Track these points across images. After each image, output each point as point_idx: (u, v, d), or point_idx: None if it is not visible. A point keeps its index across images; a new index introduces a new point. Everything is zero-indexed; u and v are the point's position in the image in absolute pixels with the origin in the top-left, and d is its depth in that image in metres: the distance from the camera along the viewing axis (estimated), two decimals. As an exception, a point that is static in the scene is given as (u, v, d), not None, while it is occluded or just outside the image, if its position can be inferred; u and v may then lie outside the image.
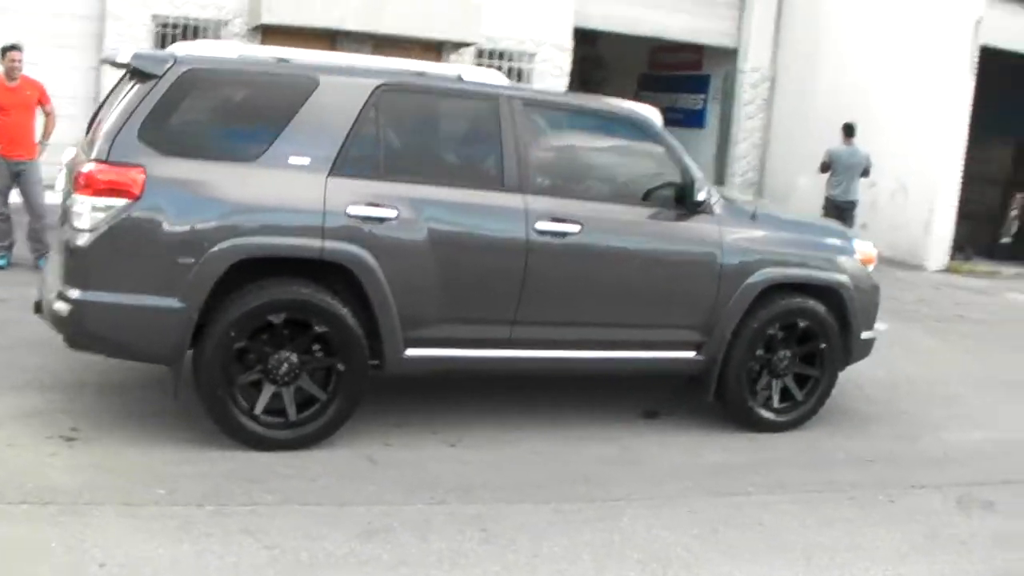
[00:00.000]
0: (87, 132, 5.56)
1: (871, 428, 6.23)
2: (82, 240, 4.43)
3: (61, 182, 5.53)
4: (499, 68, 13.93)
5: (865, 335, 6.13)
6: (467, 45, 13.47)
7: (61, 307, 4.49)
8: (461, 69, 5.31)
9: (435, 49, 13.69)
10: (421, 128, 5.05)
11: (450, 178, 5.05)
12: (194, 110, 4.66)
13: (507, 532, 4.20)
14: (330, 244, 4.69)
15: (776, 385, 5.92)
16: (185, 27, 12.23)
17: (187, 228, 4.50)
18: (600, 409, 5.96)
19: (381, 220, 4.77)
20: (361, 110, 4.82)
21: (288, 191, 4.67)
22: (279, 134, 4.68)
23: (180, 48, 4.89)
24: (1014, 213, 15.35)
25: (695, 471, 5.21)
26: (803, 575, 4.13)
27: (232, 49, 4.84)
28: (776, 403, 5.92)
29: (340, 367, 4.79)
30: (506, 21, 14.09)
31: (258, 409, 4.72)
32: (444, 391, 5.82)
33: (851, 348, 6.06)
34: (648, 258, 5.43)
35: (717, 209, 5.55)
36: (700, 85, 18.28)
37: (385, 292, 4.78)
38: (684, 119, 17.86)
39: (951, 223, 14.11)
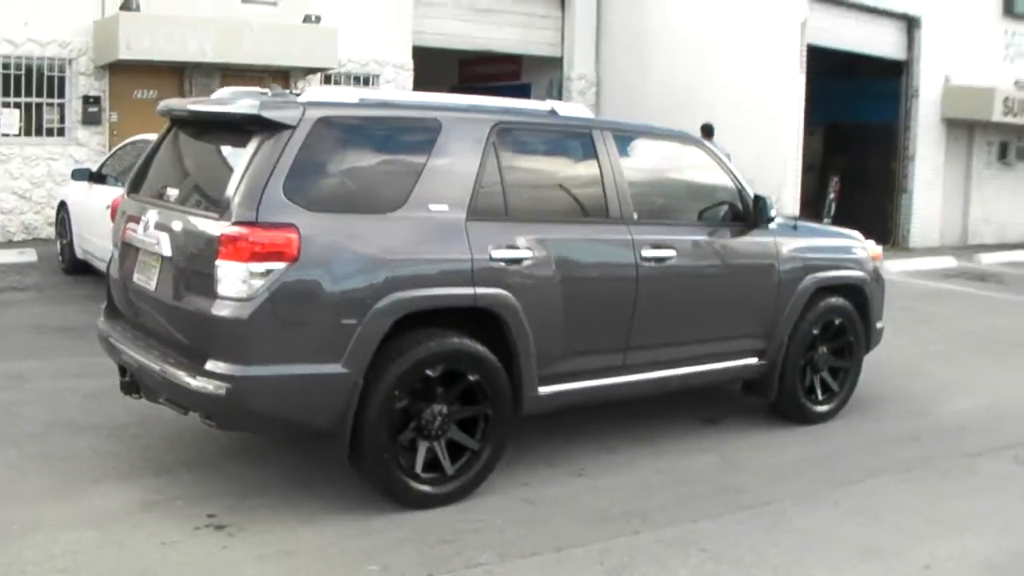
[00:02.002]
0: (134, 186, 5.23)
1: (882, 408, 6.89)
2: (238, 310, 4.18)
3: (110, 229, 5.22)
4: None
5: (879, 325, 6.81)
6: (323, 70, 13.34)
7: (213, 387, 4.20)
8: (552, 104, 5.41)
9: (283, 76, 13.45)
10: (533, 165, 5.13)
11: (565, 213, 5.19)
12: (331, 160, 4.49)
13: (726, 548, 4.43)
14: (480, 290, 4.70)
15: (817, 380, 6.45)
16: (28, 68, 11.29)
17: (348, 287, 4.36)
18: (666, 421, 6.24)
19: (519, 261, 4.84)
20: (483, 151, 4.86)
21: (435, 239, 4.63)
22: (416, 181, 4.64)
23: (304, 94, 4.68)
24: (832, 196, 17.03)
25: (797, 467, 5.63)
26: (993, 543, 4.63)
27: (351, 93, 4.70)
28: (820, 396, 6.45)
29: (489, 413, 4.80)
30: (350, 43, 14.07)
31: (419, 467, 4.64)
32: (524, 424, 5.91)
33: (871, 338, 6.72)
34: (726, 274, 5.83)
35: (772, 223, 6.01)
36: (520, 95, 18.89)
37: (527, 333, 4.85)
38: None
39: (796, 213, 15.47)
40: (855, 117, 17.79)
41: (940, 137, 18.05)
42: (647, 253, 5.36)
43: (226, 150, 4.71)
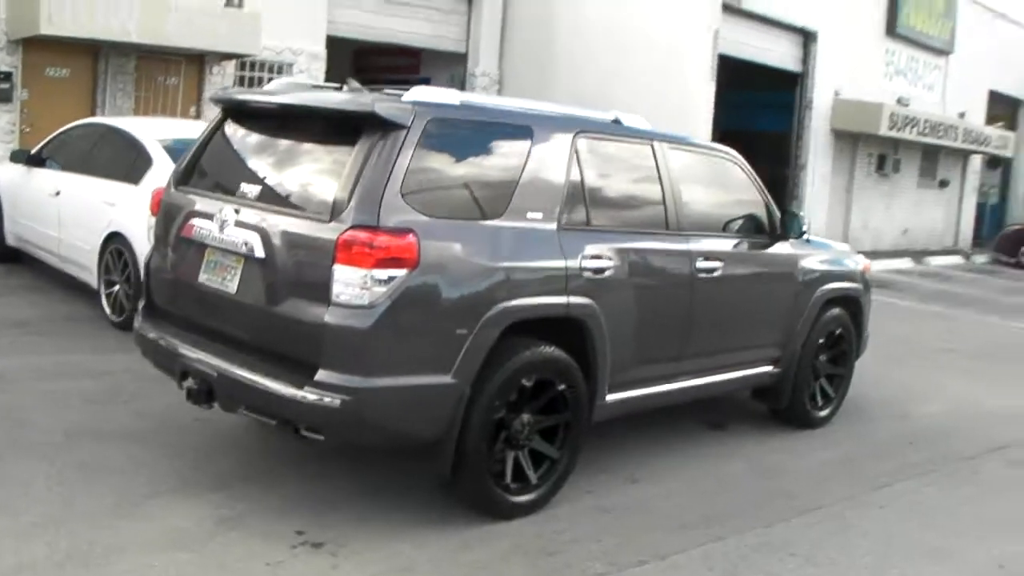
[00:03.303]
0: (183, 179, 5.06)
1: (865, 413, 7.32)
2: (358, 319, 4.08)
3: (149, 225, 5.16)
4: (260, 79, 13.65)
5: (866, 333, 7.24)
6: (244, 56, 12.98)
7: (327, 398, 4.11)
8: (615, 113, 5.51)
9: (198, 61, 13.03)
10: (607, 175, 5.20)
11: (634, 224, 5.31)
12: (440, 164, 4.44)
13: (813, 552, 4.68)
14: (573, 300, 4.77)
15: (817, 386, 6.81)
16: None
17: (462, 296, 4.34)
18: (675, 427, 6.40)
19: (603, 271, 4.93)
20: (568, 159, 4.93)
21: (535, 248, 4.67)
22: (515, 188, 4.66)
23: (409, 93, 4.58)
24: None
25: (825, 471, 5.96)
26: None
27: (451, 95, 4.65)
28: (820, 402, 6.82)
29: (569, 422, 4.88)
30: (265, 31, 13.70)
31: (508, 477, 4.67)
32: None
33: (861, 346, 7.14)
34: (758, 285, 6.11)
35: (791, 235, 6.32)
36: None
37: (606, 342, 4.95)
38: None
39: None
40: (752, 126, 18.57)
41: (828, 147, 19.08)
42: (701, 264, 5.56)
43: (324, 148, 4.57)
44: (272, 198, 4.55)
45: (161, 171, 7.52)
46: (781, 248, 6.26)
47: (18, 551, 3.96)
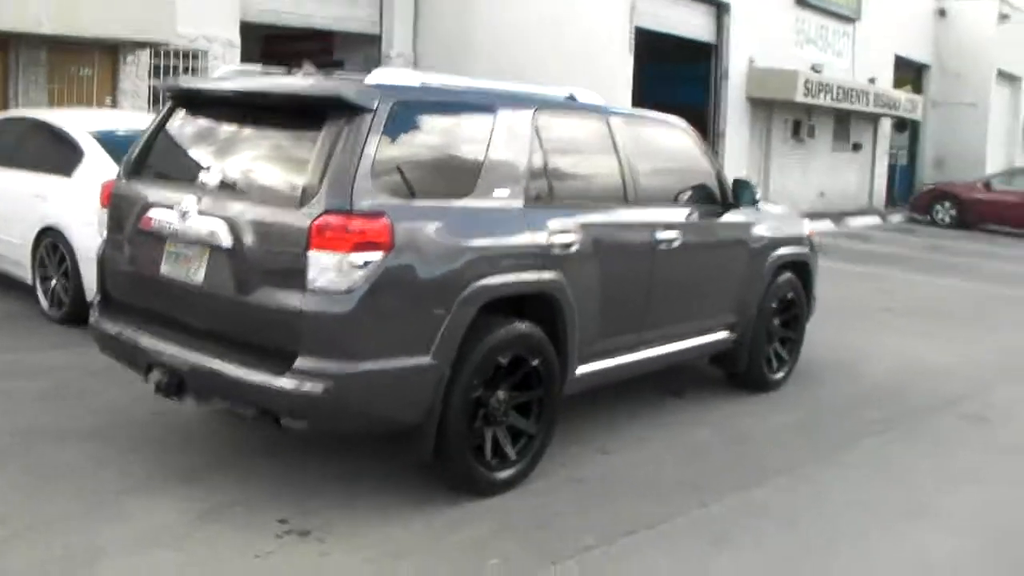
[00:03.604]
0: (134, 170, 4.90)
1: (816, 375, 7.46)
2: (337, 304, 4.01)
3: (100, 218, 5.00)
4: (175, 68, 13.35)
5: (814, 296, 7.39)
6: (159, 44, 12.64)
7: (308, 386, 4.02)
8: (570, 89, 5.50)
9: (111, 51, 12.65)
10: (565, 151, 5.18)
11: (594, 197, 5.31)
12: (407, 145, 4.39)
13: (794, 513, 4.79)
14: (543, 276, 4.77)
15: (771, 350, 6.93)
16: None
17: (437, 276, 4.29)
18: (636, 397, 6.41)
19: (569, 246, 4.93)
20: (530, 136, 4.91)
21: (504, 225, 4.65)
22: (482, 166, 4.63)
23: (371, 76, 4.51)
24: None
25: (788, 434, 6.07)
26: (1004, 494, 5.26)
27: (412, 76, 4.59)
28: (775, 365, 6.95)
29: (543, 397, 4.88)
30: (178, 19, 13.36)
31: (488, 455, 4.66)
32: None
33: (811, 309, 7.28)
34: (714, 252, 6.20)
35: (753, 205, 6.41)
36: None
37: (575, 317, 4.96)
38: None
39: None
40: (671, 98, 18.69)
41: (744, 116, 19.38)
42: (660, 235, 5.59)
43: (287, 134, 4.48)
44: (236, 187, 4.46)
45: (93, 163, 7.31)
46: (733, 216, 6.34)
47: (-8, 564, 3.81)
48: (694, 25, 18.21)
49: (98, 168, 7.22)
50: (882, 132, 24.79)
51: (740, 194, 6.29)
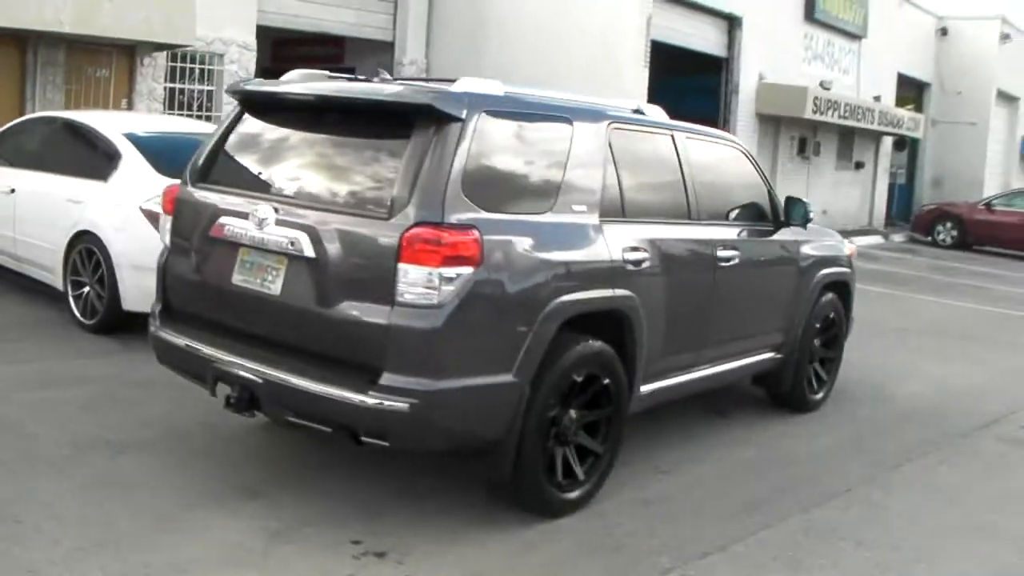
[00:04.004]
0: (201, 176, 4.86)
1: (851, 396, 7.48)
2: (427, 319, 3.98)
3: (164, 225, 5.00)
4: (191, 71, 13.31)
5: (851, 317, 7.40)
6: (180, 47, 12.59)
7: (395, 403, 3.96)
8: (635, 103, 5.49)
9: (128, 52, 12.59)
10: (635, 166, 5.16)
11: (661, 213, 5.30)
12: (494, 157, 4.33)
13: (861, 534, 4.77)
14: (618, 292, 4.75)
15: (811, 371, 6.94)
16: None
17: (522, 292, 4.26)
18: (680, 417, 6.37)
19: (640, 263, 4.92)
20: (605, 151, 4.89)
21: (583, 241, 4.63)
22: (562, 180, 4.61)
23: (458, 84, 4.46)
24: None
25: (837, 455, 6.07)
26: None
27: (495, 86, 4.54)
28: (815, 386, 6.95)
29: (611, 416, 4.86)
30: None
31: (559, 475, 4.63)
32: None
33: (849, 329, 7.30)
34: (768, 271, 6.22)
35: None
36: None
37: (644, 335, 4.95)
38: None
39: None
40: (681, 111, 18.74)
41: (754, 131, 19.45)
42: (720, 253, 5.59)
43: (373, 142, 4.43)
44: (317, 195, 4.39)
45: (131, 167, 7.25)
46: (784, 234, 6.35)
47: (73, 581, 3.75)
48: (706, 39, 18.29)
49: (136, 172, 7.18)
50: (883, 150, 24.96)
51: (791, 212, 6.29)
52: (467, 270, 4.02)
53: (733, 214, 5.99)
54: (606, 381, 4.74)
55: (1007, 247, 20.44)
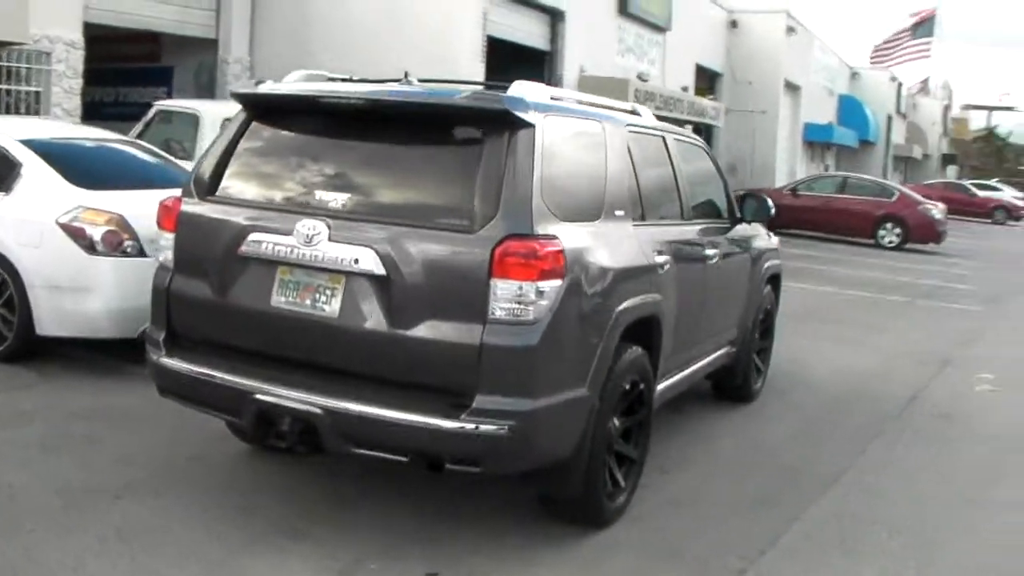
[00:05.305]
0: (210, 188, 4.55)
1: (773, 384, 7.83)
2: (524, 337, 3.85)
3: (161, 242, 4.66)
4: (15, 71, 12.40)
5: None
6: (15, 44, 11.58)
7: (490, 427, 3.82)
8: (629, 105, 5.52)
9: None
10: (645, 169, 5.18)
11: (665, 216, 5.39)
12: (556, 165, 4.21)
13: (877, 516, 5.06)
14: (653, 297, 4.80)
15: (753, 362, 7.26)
16: None
17: (595, 303, 4.23)
18: None
19: (663, 266, 4.99)
20: (627, 154, 4.93)
21: (628, 247, 4.65)
22: (604, 185, 4.60)
23: (513, 88, 4.28)
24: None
25: (803, 442, 6.40)
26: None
27: (545, 90, 4.42)
28: (755, 376, 7.27)
29: (642, 420, 4.92)
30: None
31: (609, 484, 4.63)
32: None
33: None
34: (735, 267, 6.44)
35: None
36: (161, 77, 17.73)
37: (665, 336, 5.02)
38: (139, 113, 17.20)
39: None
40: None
41: (577, 124, 19.88)
42: (709, 252, 5.76)
43: (434, 150, 4.25)
44: (378, 209, 4.15)
45: (36, 177, 6.62)
46: (743, 230, 6.59)
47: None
48: (532, 33, 18.58)
49: (43, 184, 6.56)
50: (686, 139, 26.13)
51: (752, 209, 6.52)
52: (556, 283, 3.94)
53: (706, 212, 6.16)
54: (642, 386, 4.78)
55: (812, 230, 21.91)
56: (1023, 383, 8.71)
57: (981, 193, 39.50)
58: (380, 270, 3.98)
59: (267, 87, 4.65)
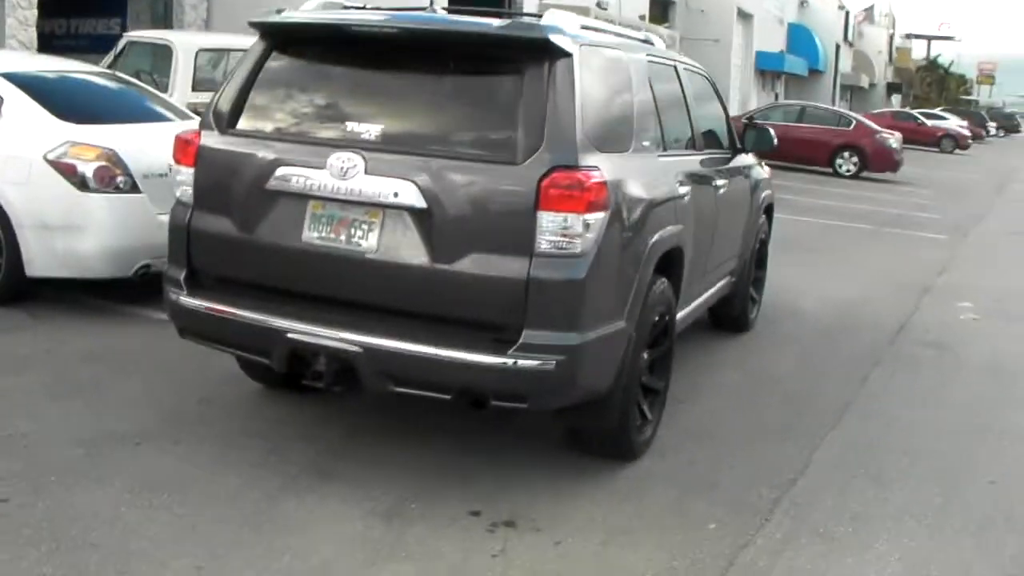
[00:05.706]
0: (231, 120, 4.38)
1: (766, 314, 7.89)
2: (573, 270, 3.80)
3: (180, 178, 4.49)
4: None
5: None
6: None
7: (537, 362, 3.78)
8: (642, 33, 5.43)
9: None
10: (662, 98, 5.09)
11: (682, 145, 5.36)
12: (592, 95, 4.13)
13: (899, 444, 5.17)
14: (678, 227, 4.78)
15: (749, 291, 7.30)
16: None
17: (634, 235, 4.21)
18: None
19: (683, 196, 4.96)
20: (649, 84, 4.86)
21: (657, 177, 4.62)
22: (633, 115, 4.54)
23: (546, 17, 4.19)
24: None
25: (808, 372, 6.49)
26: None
27: (576, 20, 4.32)
28: (751, 306, 7.33)
29: (666, 352, 4.92)
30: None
31: (638, 417, 4.64)
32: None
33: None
34: (739, 196, 6.45)
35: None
36: (115, 7, 17.18)
37: (686, 266, 5.01)
38: (92, 45, 16.65)
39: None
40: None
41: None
42: (719, 182, 5.75)
43: (472, 80, 4.16)
44: (417, 140, 4.04)
45: (20, 111, 6.37)
46: (743, 160, 6.58)
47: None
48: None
49: (28, 118, 6.31)
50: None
51: (755, 139, 6.51)
52: (601, 215, 3.89)
53: (712, 142, 6.12)
54: (667, 317, 4.77)
55: (769, 159, 21.96)
56: (1003, 312, 8.87)
57: (929, 122, 39.98)
58: (421, 203, 3.88)
59: (289, 15, 4.48)
